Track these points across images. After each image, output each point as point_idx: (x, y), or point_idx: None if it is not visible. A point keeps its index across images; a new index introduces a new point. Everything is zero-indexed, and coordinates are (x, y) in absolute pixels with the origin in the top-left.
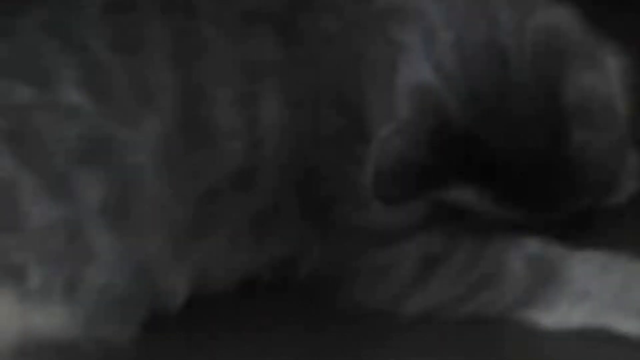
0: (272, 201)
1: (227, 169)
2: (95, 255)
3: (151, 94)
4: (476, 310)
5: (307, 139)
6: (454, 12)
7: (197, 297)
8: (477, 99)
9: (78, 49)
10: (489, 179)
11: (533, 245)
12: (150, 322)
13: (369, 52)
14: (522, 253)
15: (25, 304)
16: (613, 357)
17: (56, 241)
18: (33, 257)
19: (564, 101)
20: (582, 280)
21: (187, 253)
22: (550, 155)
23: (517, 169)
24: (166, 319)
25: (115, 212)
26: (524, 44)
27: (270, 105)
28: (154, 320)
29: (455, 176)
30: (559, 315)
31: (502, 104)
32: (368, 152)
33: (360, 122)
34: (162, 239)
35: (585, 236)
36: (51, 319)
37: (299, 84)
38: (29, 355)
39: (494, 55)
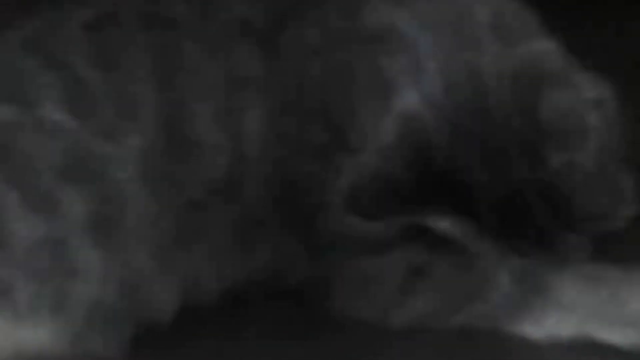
0: (256, 213)
1: (211, 182)
2: (82, 271)
3: (134, 110)
4: (465, 323)
5: (289, 151)
6: (439, 41)
7: (186, 309)
8: (459, 128)
9: (60, 66)
10: (469, 210)
11: (520, 257)
12: (139, 336)
13: (356, 73)
14: (509, 265)
15: (13, 321)
16: None
17: (42, 258)
18: (19, 274)
19: (541, 124)
20: (570, 292)
21: (173, 266)
22: (531, 182)
23: (499, 198)
24: (155, 332)
25: (100, 227)
26: (504, 73)
27: (253, 119)
28: (143, 335)
29: (434, 203)
30: (547, 327)
31: (483, 132)
32: (346, 166)
33: (344, 136)
34: (148, 253)
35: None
36: (40, 336)
37: (281, 97)
38: None
39: (476, 84)
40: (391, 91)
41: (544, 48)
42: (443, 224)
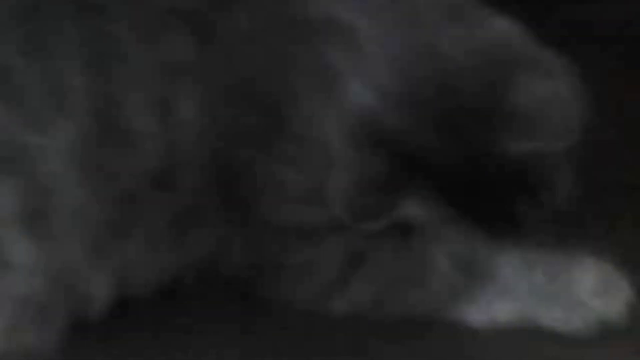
0: (192, 201)
1: (145, 171)
2: (12, 263)
3: (64, 99)
4: (404, 310)
5: (225, 138)
6: (384, 26)
7: (121, 301)
8: (416, 112)
9: None
10: (440, 190)
11: (457, 242)
12: (73, 329)
13: (294, 59)
14: (447, 251)
15: None
16: (542, 353)
17: None
18: None
19: (508, 110)
20: (508, 276)
21: (106, 257)
22: (490, 164)
23: (459, 180)
24: (90, 325)
25: (31, 219)
26: (465, 56)
27: (186, 106)
28: (77, 327)
29: (411, 190)
30: (486, 312)
31: (442, 115)
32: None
33: (281, 121)
34: (80, 244)
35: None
36: None
37: (215, 83)
38: None
39: (433, 67)
40: (335, 79)
41: (508, 27)
42: (416, 211)
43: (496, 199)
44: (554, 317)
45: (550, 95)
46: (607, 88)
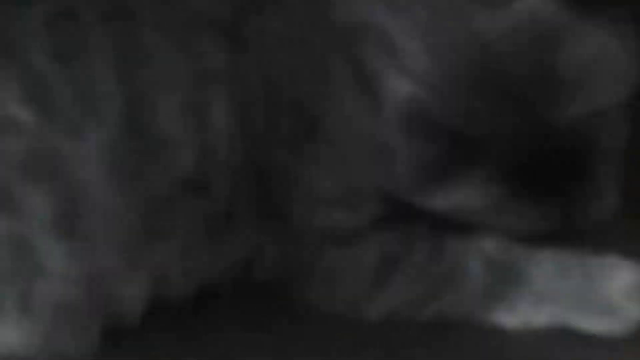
0: (226, 206)
1: (178, 176)
2: (47, 269)
3: (96, 105)
4: (437, 313)
5: (258, 143)
6: (417, 22)
7: (155, 306)
8: (464, 97)
9: (19, 61)
10: (493, 173)
11: (491, 245)
12: (108, 334)
13: (328, 63)
14: (481, 253)
15: None
16: (575, 356)
17: (6, 256)
18: None
19: (556, 76)
20: (542, 280)
21: (140, 262)
22: (545, 134)
23: (515, 156)
24: (124, 330)
25: (64, 225)
26: (503, 35)
27: (219, 111)
28: (112, 333)
29: (463, 174)
30: (520, 316)
31: (486, 87)
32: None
33: (315, 127)
34: (115, 249)
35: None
36: (7, 337)
37: (247, 88)
38: None
39: (474, 51)
40: (372, 76)
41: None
42: (476, 194)
43: (552, 176)
44: (587, 320)
45: (597, 53)
46: None
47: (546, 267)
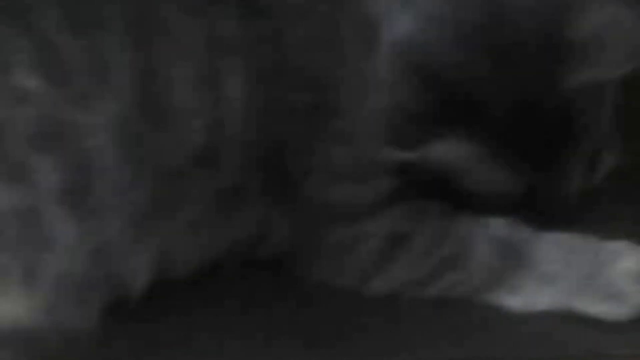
0: (236, 179)
1: (189, 148)
2: (54, 240)
3: (108, 75)
4: (442, 292)
5: (272, 115)
6: None
7: (161, 280)
8: (466, 47)
9: (31, 31)
10: (487, 129)
11: (498, 226)
12: (112, 306)
13: (340, 29)
14: (488, 235)
15: None
16: (580, 339)
17: (13, 227)
18: None
19: (564, 40)
20: (548, 262)
21: (148, 235)
22: (546, 99)
23: (510, 118)
24: (129, 303)
25: (73, 196)
26: None
27: (233, 83)
28: (116, 305)
29: (450, 128)
30: (525, 298)
31: (493, 43)
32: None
33: (330, 98)
34: (122, 222)
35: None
36: (11, 306)
37: (263, 60)
38: None
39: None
40: (381, 17)
41: None
42: (461, 151)
43: (543, 141)
44: (592, 304)
45: (609, 21)
46: None
47: (552, 250)
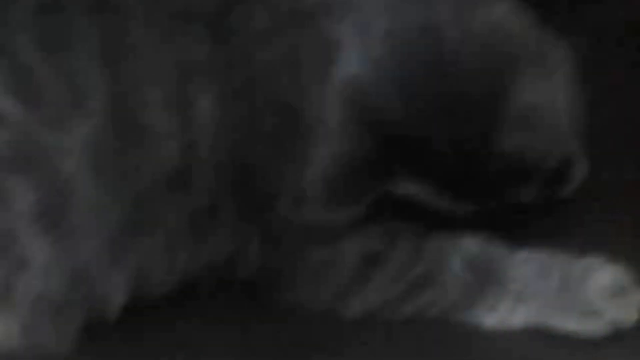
0: (209, 201)
1: (162, 169)
2: (29, 262)
3: (81, 97)
4: (417, 311)
5: (242, 138)
6: (388, 4)
7: (137, 300)
8: (411, 88)
9: (5, 52)
10: (429, 171)
11: (472, 245)
12: (89, 327)
13: (303, 51)
14: (461, 253)
15: None
16: (555, 356)
17: None
18: None
19: (509, 104)
20: (522, 280)
21: (123, 256)
22: (482, 150)
23: (452, 160)
24: (105, 324)
25: (48, 217)
26: (465, 36)
27: (204, 105)
28: (93, 326)
29: (400, 169)
30: (500, 315)
31: (436, 94)
32: (310, 153)
33: (297, 121)
34: (98, 243)
35: (526, 233)
36: None
37: (232, 83)
38: None
39: (430, 43)
40: (340, 62)
41: (505, 10)
42: (410, 189)
43: (485, 183)
44: (567, 321)
45: (549, 100)
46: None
47: (526, 268)
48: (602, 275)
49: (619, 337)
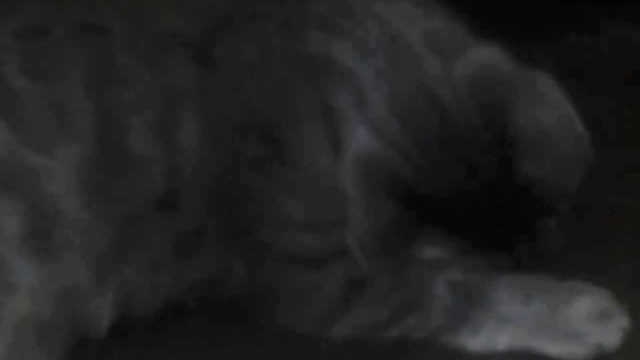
0: (194, 224)
1: (148, 194)
2: (16, 284)
3: (67, 121)
4: (401, 335)
5: (226, 164)
6: (380, 71)
7: (122, 321)
8: (422, 152)
9: None
10: (458, 226)
11: (455, 269)
12: (75, 349)
13: (296, 92)
14: (446, 277)
15: None
16: None
17: None
18: None
19: (512, 135)
20: (506, 304)
21: (109, 278)
22: (504, 189)
23: (476, 212)
24: (91, 345)
25: (35, 240)
26: (457, 87)
27: (188, 131)
28: (79, 348)
29: (426, 231)
30: (484, 339)
31: (447, 150)
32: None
33: (281, 149)
34: (84, 265)
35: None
36: None
37: (216, 110)
38: None
39: (430, 105)
40: (337, 121)
41: (491, 53)
42: (435, 251)
43: (515, 223)
44: (550, 344)
45: (552, 119)
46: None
47: (510, 291)
48: (586, 300)
49: None
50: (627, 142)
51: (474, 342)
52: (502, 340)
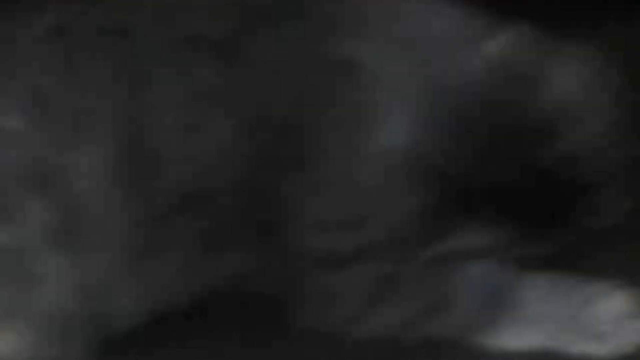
0: (222, 223)
1: (175, 193)
2: (42, 279)
3: (94, 120)
4: (427, 334)
5: (252, 163)
6: (409, 62)
7: (153, 318)
8: (458, 140)
9: (17, 75)
10: (492, 217)
11: (482, 268)
12: (106, 345)
13: (325, 95)
14: (472, 276)
15: None
16: None
17: (1, 266)
18: None
19: (541, 113)
20: (532, 303)
21: (135, 274)
22: (540, 172)
23: (514, 199)
24: (122, 342)
25: (62, 236)
26: (489, 71)
27: (215, 131)
28: (110, 344)
29: (470, 220)
30: (509, 338)
31: (484, 138)
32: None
33: (307, 149)
34: (113, 262)
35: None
36: (5, 344)
37: (242, 109)
38: None
39: (463, 93)
40: (368, 122)
41: (517, 34)
42: (475, 239)
43: (557, 204)
44: (576, 344)
45: (577, 89)
46: None
47: (536, 291)
48: (611, 299)
49: None
50: None
51: (500, 341)
52: (528, 339)
